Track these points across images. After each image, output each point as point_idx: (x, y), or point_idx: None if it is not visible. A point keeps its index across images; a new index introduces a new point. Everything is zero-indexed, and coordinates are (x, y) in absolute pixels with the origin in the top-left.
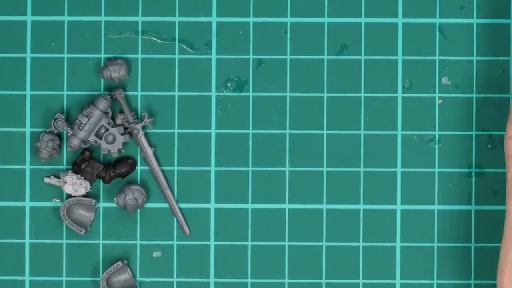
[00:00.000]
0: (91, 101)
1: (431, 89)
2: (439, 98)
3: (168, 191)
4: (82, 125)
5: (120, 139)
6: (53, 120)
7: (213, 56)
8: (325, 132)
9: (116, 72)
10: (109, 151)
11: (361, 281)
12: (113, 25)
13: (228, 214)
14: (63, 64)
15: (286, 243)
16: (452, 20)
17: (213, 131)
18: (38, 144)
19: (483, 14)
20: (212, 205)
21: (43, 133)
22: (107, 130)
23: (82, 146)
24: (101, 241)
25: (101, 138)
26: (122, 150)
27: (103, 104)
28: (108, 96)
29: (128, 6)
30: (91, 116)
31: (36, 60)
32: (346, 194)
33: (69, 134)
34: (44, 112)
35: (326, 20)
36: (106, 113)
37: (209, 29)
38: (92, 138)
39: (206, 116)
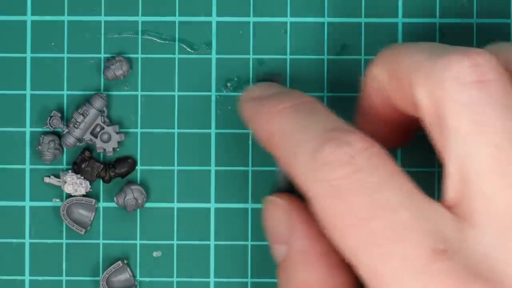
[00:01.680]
0: (87, 100)
1: None
2: None
3: None
4: (78, 124)
5: (115, 138)
6: (49, 118)
7: (213, 56)
8: None
9: (119, 69)
10: (104, 149)
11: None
12: (113, 25)
13: (228, 214)
14: (63, 64)
15: None
16: (452, 20)
17: (213, 131)
18: (40, 147)
19: (483, 14)
20: (212, 205)
21: (42, 136)
22: (102, 128)
23: (78, 144)
24: (101, 241)
25: (96, 137)
26: (117, 149)
27: (98, 102)
28: (104, 95)
29: (128, 6)
30: (87, 115)
31: (36, 60)
32: None
33: (64, 132)
34: (44, 111)
35: (326, 20)
36: (101, 111)
37: (209, 29)
38: (88, 136)
39: (206, 116)
